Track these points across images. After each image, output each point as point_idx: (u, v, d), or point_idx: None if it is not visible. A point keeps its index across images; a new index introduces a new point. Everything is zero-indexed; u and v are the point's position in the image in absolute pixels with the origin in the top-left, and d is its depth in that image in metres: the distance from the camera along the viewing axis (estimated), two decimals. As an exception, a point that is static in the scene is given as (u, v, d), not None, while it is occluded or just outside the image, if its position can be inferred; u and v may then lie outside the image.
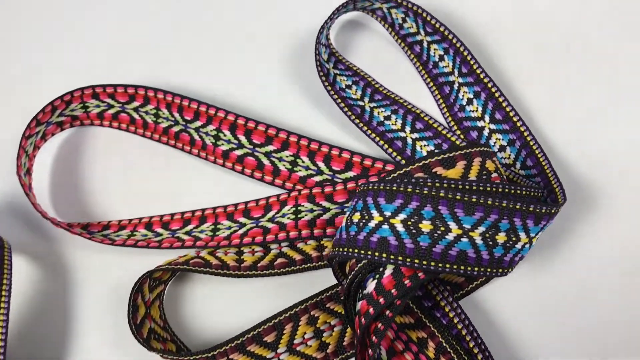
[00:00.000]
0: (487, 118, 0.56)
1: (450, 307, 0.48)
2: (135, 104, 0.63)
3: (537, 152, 0.53)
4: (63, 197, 0.62)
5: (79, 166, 0.64)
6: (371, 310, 0.42)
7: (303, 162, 0.58)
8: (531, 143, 0.53)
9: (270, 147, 0.59)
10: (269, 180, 0.59)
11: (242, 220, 0.57)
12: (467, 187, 0.42)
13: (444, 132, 0.56)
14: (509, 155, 0.54)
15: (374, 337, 0.43)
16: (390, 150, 0.57)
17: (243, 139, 0.59)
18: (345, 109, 0.58)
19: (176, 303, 0.56)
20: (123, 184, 0.62)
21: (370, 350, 0.43)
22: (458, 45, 0.57)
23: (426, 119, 0.57)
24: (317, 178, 0.58)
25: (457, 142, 0.55)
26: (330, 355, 0.50)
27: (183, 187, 0.61)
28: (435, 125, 0.57)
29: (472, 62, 0.57)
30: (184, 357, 0.48)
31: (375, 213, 0.43)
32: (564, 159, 0.55)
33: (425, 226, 0.41)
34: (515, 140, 0.54)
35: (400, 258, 0.41)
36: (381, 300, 0.42)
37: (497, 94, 0.56)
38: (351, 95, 0.60)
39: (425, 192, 0.41)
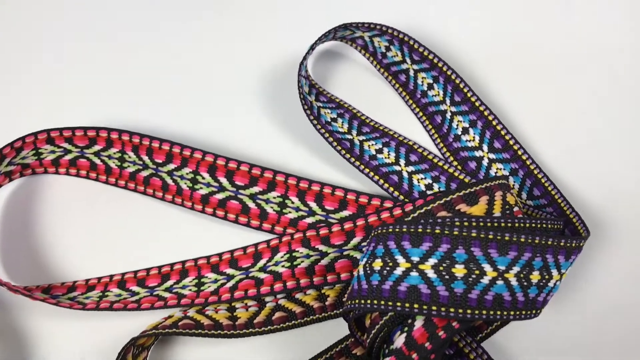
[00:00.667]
0: (485, 147, 0.54)
1: (476, 353, 0.44)
2: (97, 147, 0.57)
3: (543, 180, 0.51)
4: (15, 257, 0.55)
5: (31, 220, 0.56)
6: (403, 367, 0.38)
7: (292, 202, 0.53)
8: (535, 172, 0.51)
9: (256, 189, 0.54)
10: (256, 224, 0.54)
11: (230, 271, 0.52)
12: (496, 224, 0.39)
13: (440, 163, 0.53)
14: (513, 185, 0.52)
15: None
16: (386, 185, 0.53)
17: (224, 181, 0.54)
18: (334, 143, 0.55)
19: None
20: (85, 238, 0.55)
21: None
22: (449, 72, 0.55)
23: (420, 150, 0.54)
24: (310, 220, 0.53)
25: (455, 174, 0.52)
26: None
27: (156, 238, 0.55)
28: (430, 157, 0.54)
29: (465, 90, 0.54)
30: None
31: (400, 259, 0.39)
32: (572, 187, 0.53)
33: (459, 270, 0.38)
34: (518, 169, 0.52)
35: (434, 308, 0.37)
36: (414, 356, 0.38)
37: (494, 122, 0.53)
38: (338, 129, 0.56)
39: (455, 232, 0.38)
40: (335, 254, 0.51)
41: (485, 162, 0.53)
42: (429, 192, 0.52)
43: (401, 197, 0.53)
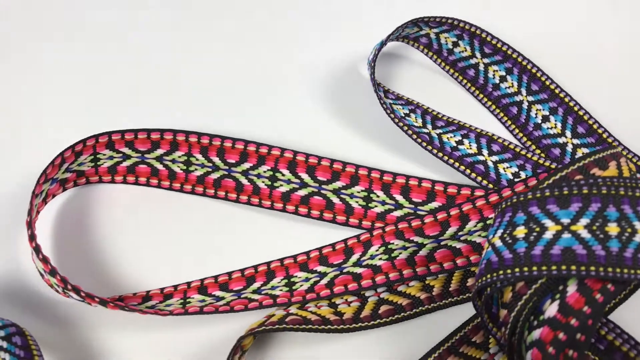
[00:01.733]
0: (568, 133, 0.53)
1: (607, 328, 0.43)
2: (160, 151, 0.54)
3: (634, 160, 0.51)
4: (73, 272, 0.50)
5: (87, 232, 0.52)
6: (561, 335, 0.36)
7: (378, 196, 0.51)
8: (624, 153, 0.51)
9: (339, 184, 0.52)
10: (342, 220, 0.51)
11: (321, 269, 0.49)
12: (635, 184, 0.38)
13: (522, 152, 0.53)
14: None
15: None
16: (473, 175, 0.52)
17: (306, 177, 0.52)
18: (414, 136, 0.53)
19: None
20: (148, 248, 0.51)
21: None
22: (524, 63, 0.55)
23: (500, 140, 0.54)
24: (398, 213, 0.51)
25: (540, 162, 0.52)
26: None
27: (231, 242, 0.51)
28: (511, 146, 0.53)
29: (543, 79, 0.54)
30: None
31: (549, 222, 0.37)
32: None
33: (612, 229, 0.36)
34: (605, 152, 0.52)
35: (592, 268, 0.36)
36: (573, 322, 0.36)
37: (575, 108, 0.53)
38: (413, 123, 0.55)
39: (604, 191, 0.37)
40: (433, 245, 0.48)
41: (569, 147, 0.53)
42: (516, 180, 0.51)
43: (490, 186, 0.51)
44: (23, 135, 0.57)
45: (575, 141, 0.53)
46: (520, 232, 0.38)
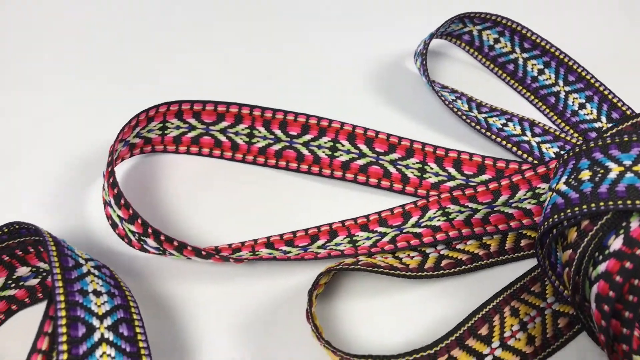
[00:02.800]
0: (603, 119, 0.58)
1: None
2: (224, 124, 0.57)
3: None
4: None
5: (152, 200, 0.54)
6: (628, 265, 0.39)
7: (431, 168, 0.55)
8: (657, 136, 0.56)
9: (395, 155, 0.55)
10: (399, 188, 0.54)
11: (381, 229, 0.52)
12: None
13: (562, 135, 0.57)
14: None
15: (631, 297, 0.39)
16: (519, 152, 0.56)
17: (364, 147, 0.55)
18: (463, 117, 0.57)
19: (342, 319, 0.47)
20: (210, 215, 0.53)
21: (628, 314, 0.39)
22: (562, 56, 0.60)
23: (541, 125, 0.58)
24: (450, 184, 0.54)
25: (579, 144, 0.56)
26: (538, 349, 0.44)
27: (291, 209, 0.54)
28: (551, 130, 0.58)
29: (579, 70, 0.59)
30: (407, 357, 0.40)
31: (612, 165, 0.41)
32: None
33: (671, 170, 0.40)
34: (639, 136, 0.56)
35: (656, 201, 0.39)
36: (639, 252, 0.39)
37: (610, 96, 0.58)
38: (460, 107, 0.59)
39: None
40: (486, 210, 0.52)
41: (605, 131, 0.58)
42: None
43: (536, 162, 0.55)
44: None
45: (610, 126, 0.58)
46: (585, 174, 0.42)
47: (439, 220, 0.51)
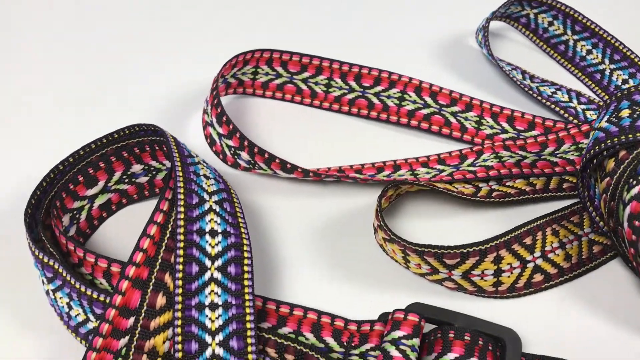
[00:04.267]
0: (645, 93, 0.65)
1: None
2: (306, 74, 0.66)
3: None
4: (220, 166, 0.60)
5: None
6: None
7: (487, 122, 0.62)
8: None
9: (456, 108, 0.63)
10: (457, 135, 0.62)
11: (439, 167, 0.59)
12: None
13: (600, 103, 0.64)
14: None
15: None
16: (566, 115, 0.63)
17: (429, 99, 0.63)
18: (517, 82, 0.65)
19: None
20: (292, 150, 0.61)
21: None
22: (609, 38, 0.68)
23: (587, 95, 0.65)
24: (503, 136, 0.62)
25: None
26: (574, 266, 0.51)
27: (360, 150, 0.62)
28: (595, 100, 0.65)
29: (624, 50, 0.67)
30: (461, 249, 0.47)
31: (649, 104, 0.48)
32: None
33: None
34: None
35: (684, 134, 0.46)
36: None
37: (651, 73, 0.66)
38: (515, 76, 0.67)
39: None
40: (534, 157, 0.59)
41: (645, 104, 0.64)
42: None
43: (582, 116, 0.62)
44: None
45: (651, 99, 0.65)
46: (625, 112, 0.49)
47: (491, 161, 0.58)
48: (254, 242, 0.52)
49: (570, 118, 0.63)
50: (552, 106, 0.63)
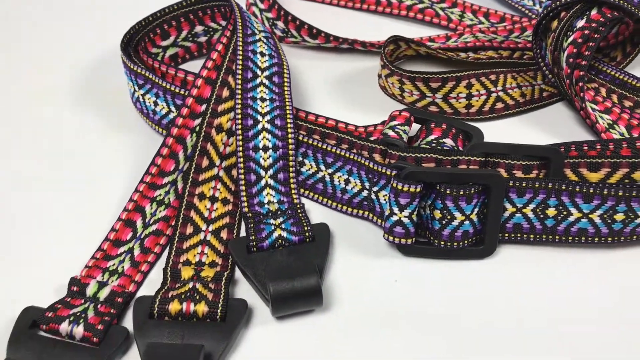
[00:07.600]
0: None
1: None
2: (327, -21, 0.83)
3: None
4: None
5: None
6: (587, 31, 0.63)
7: (468, 16, 0.80)
8: None
9: (444, 5, 0.81)
10: (445, 24, 0.80)
11: (431, 44, 0.76)
12: None
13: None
14: None
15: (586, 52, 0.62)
16: (529, 14, 0.81)
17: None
18: (493, -10, 0.83)
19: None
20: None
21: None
22: None
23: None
24: (481, 26, 0.79)
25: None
26: (527, 101, 0.68)
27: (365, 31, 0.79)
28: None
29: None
30: (440, 75, 0.64)
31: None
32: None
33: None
34: None
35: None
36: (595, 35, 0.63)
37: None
38: None
39: None
40: (502, 39, 0.76)
41: None
42: None
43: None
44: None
45: None
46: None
47: (469, 39, 0.76)
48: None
49: (533, 16, 0.80)
50: (520, 7, 0.81)
